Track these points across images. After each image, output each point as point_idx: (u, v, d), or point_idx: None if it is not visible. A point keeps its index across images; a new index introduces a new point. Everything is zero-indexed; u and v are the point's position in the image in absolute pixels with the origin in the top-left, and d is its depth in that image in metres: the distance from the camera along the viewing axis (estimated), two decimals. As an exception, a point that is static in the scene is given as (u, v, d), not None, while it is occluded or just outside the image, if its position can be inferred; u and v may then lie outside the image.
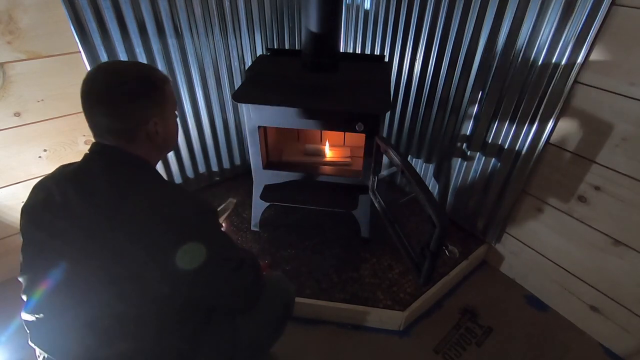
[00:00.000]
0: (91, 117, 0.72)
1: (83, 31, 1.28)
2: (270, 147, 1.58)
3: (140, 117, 0.73)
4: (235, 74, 1.72)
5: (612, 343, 1.36)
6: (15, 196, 1.43)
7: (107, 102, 0.70)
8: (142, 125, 0.73)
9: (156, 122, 0.75)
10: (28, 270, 0.73)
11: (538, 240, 1.46)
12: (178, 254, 0.66)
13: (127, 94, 0.70)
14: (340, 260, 1.55)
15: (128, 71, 0.73)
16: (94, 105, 0.70)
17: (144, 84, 0.73)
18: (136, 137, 0.73)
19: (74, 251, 0.68)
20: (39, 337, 0.73)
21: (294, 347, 1.33)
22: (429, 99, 1.60)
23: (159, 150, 0.80)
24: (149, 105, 0.73)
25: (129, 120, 0.72)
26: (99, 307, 0.69)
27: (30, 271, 0.73)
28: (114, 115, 0.70)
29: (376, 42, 1.67)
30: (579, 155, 1.22)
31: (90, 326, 0.69)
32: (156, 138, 0.76)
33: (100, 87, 0.70)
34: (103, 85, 0.70)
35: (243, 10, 1.58)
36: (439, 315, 1.47)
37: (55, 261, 0.69)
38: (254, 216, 1.65)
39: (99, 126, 0.72)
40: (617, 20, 1.01)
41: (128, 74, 0.72)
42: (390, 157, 1.20)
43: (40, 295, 0.71)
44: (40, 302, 0.71)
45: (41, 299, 0.71)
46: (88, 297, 0.69)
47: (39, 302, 0.71)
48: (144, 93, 0.72)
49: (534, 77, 1.21)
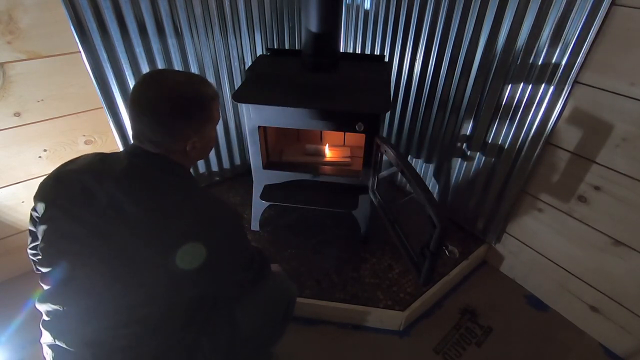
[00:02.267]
0: (135, 124, 0.74)
1: (83, 31, 1.28)
2: (270, 147, 1.58)
3: (181, 135, 0.74)
4: (235, 74, 1.72)
5: (612, 343, 1.36)
6: (15, 196, 1.43)
7: (151, 114, 0.71)
8: (180, 142, 0.75)
9: (195, 141, 0.77)
10: (56, 260, 0.72)
11: (538, 240, 1.46)
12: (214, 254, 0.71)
13: (173, 112, 0.71)
14: (340, 260, 1.55)
15: (178, 86, 0.73)
16: (139, 115, 0.72)
17: (191, 103, 0.73)
18: (175, 149, 0.76)
19: (113, 247, 0.68)
20: (55, 326, 0.74)
21: (294, 347, 1.33)
22: (429, 99, 1.59)
23: (192, 160, 0.83)
24: (192, 125, 0.75)
25: (169, 136, 0.74)
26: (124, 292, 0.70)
27: (58, 260, 0.71)
28: (155, 129, 0.72)
29: (376, 42, 1.67)
30: (579, 155, 1.22)
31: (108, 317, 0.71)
32: (192, 152, 0.78)
33: (148, 98, 0.71)
34: (151, 97, 0.71)
35: (243, 10, 1.58)
36: (439, 315, 1.47)
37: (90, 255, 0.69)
38: (254, 216, 1.65)
39: (141, 133, 0.74)
40: (617, 20, 1.01)
41: (178, 90, 0.72)
42: (390, 157, 1.20)
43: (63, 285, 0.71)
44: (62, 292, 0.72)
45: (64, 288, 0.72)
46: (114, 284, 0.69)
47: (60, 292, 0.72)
48: (189, 113, 0.73)
49: (534, 77, 1.21)
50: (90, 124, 1.48)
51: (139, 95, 0.72)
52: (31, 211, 0.81)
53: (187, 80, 0.75)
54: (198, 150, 0.80)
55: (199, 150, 0.80)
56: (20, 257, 1.54)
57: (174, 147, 0.75)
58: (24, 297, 1.46)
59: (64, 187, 0.74)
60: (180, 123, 0.73)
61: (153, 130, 0.72)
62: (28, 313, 1.43)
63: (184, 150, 0.77)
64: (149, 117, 0.71)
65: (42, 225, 0.73)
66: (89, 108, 1.44)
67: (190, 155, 0.79)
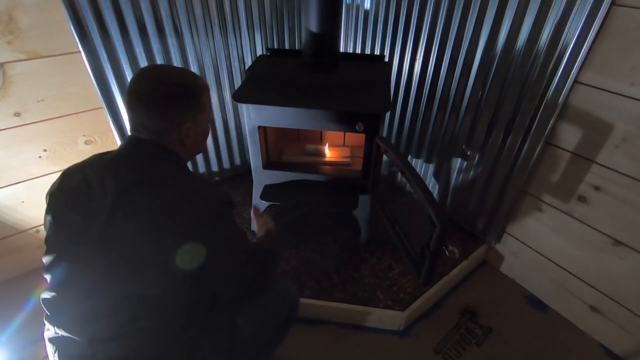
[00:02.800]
0: (131, 113, 0.78)
1: (83, 31, 1.28)
2: (270, 147, 1.58)
3: (175, 119, 0.78)
4: (235, 74, 1.72)
5: (612, 343, 1.36)
6: (16, 196, 1.43)
7: (147, 101, 0.76)
8: (175, 127, 0.79)
9: (189, 127, 0.80)
10: (55, 249, 0.75)
11: (538, 240, 1.46)
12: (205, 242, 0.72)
13: (166, 97, 0.76)
14: (340, 260, 1.55)
15: (172, 76, 0.79)
16: (135, 103, 0.76)
17: (184, 90, 0.78)
18: (169, 136, 0.79)
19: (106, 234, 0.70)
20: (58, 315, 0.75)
21: (294, 347, 1.33)
22: (429, 99, 1.59)
23: (188, 151, 0.85)
24: (184, 110, 0.79)
25: (164, 121, 0.77)
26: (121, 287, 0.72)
27: (58, 250, 0.74)
28: (151, 114, 0.76)
29: (376, 42, 1.67)
30: (579, 155, 1.22)
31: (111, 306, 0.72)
32: (186, 140, 0.81)
33: (144, 87, 0.76)
34: (146, 86, 0.76)
35: (243, 10, 1.58)
36: (439, 315, 1.47)
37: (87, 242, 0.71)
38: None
39: (137, 122, 0.78)
40: (617, 20, 1.01)
41: (171, 79, 0.78)
42: (390, 157, 1.20)
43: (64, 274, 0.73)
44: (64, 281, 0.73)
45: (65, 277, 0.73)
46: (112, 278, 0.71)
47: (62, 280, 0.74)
48: (182, 99, 0.78)
49: (534, 77, 1.21)
50: (90, 124, 1.48)
51: (135, 86, 0.76)
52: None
53: (180, 71, 0.82)
54: (192, 139, 0.82)
55: (193, 139, 0.82)
56: (20, 257, 1.54)
57: (169, 133, 0.78)
58: (24, 297, 1.46)
59: (66, 179, 0.78)
60: (173, 107, 0.77)
61: (148, 115, 0.76)
62: (28, 313, 1.43)
63: (179, 137, 0.80)
64: (145, 103, 0.76)
65: (47, 216, 0.76)
66: (89, 108, 1.44)
67: (186, 143, 0.81)
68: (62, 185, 0.77)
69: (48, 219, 0.76)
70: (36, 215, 1.51)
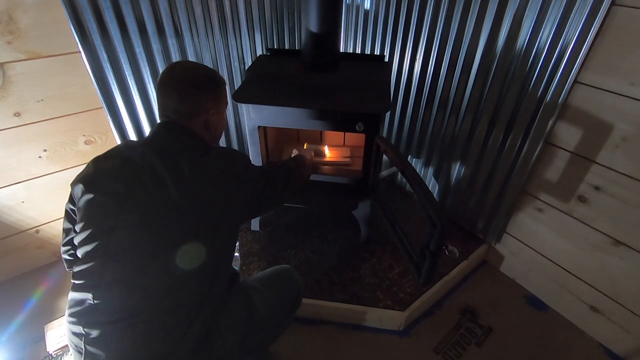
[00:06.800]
0: (162, 100, 0.90)
1: (83, 31, 1.28)
2: (270, 147, 1.58)
3: (202, 105, 0.91)
4: (235, 74, 1.72)
5: (612, 343, 1.36)
6: (15, 196, 1.43)
7: (178, 88, 0.89)
8: (202, 112, 0.91)
9: (213, 112, 0.93)
10: (98, 223, 0.78)
11: (538, 240, 1.46)
12: (242, 187, 0.90)
13: (195, 86, 0.90)
14: (340, 260, 1.55)
15: (198, 68, 0.94)
16: (167, 90, 0.89)
17: (209, 80, 0.93)
18: (196, 120, 0.91)
19: (149, 199, 0.78)
20: (91, 284, 0.77)
21: (294, 347, 1.33)
22: (429, 99, 1.59)
23: (210, 136, 0.97)
24: (210, 97, 0.92)
25: (192, 106, 0.90)
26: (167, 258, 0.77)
27: (104, 221, 0.78)
28: (181, 100, 0.89)
29: (376, 42, 1.67)
30: (578, 155, 1.22)
31: (152, 277, 0.77)
32: (210, 126, 0.94)
33: (175, 77, 0.89)
34: (177, 76, 0.89)
35: (243, 10, 1.58)
36: (439, 315, 1.47)
37: (132, 209, 0.77)
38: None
39: (167, 107, 0.90)
40: (617, 20, 1.01)
41: (198, 71, 0.93)
42: (390, 157, 1.20)
43: (111, 243, 0.77)
44: (108, 249, 0.77)
45: (112, 245, 0.77)
46: (163, 247, 0.78)
47: (107, 249, 0.77)
48: (208, 87, 0.92)
49: (534, 77, 1.21)
50: (90, 124, 1.48)
51: (166, 77, 0.89)
52: (66, 205, 0.90)
53: (204, 66, 0.97)
54: (214, 126, 0.95)
55: (215, 125, 0.95)
56: (20, 257, 1.54)
57: (197, 117, 0.90)
58: (24, 297, 1.47)
59: (100, 163, 0.85)
60: (201, 93, 0.90)
61: (180, 100, 0.88)
62: (28, 313, 1.43)
63: (205, 122, 0.92)
64: (176, 90, 0.88)
65: (86, 195, 0.80)
66: (89, 108, 1.45)
67: (210, 129, 0.94)
68: (99, 168, 0.83)
69: (86, 197, 0.80)
70: (36, 215, 1.51)
